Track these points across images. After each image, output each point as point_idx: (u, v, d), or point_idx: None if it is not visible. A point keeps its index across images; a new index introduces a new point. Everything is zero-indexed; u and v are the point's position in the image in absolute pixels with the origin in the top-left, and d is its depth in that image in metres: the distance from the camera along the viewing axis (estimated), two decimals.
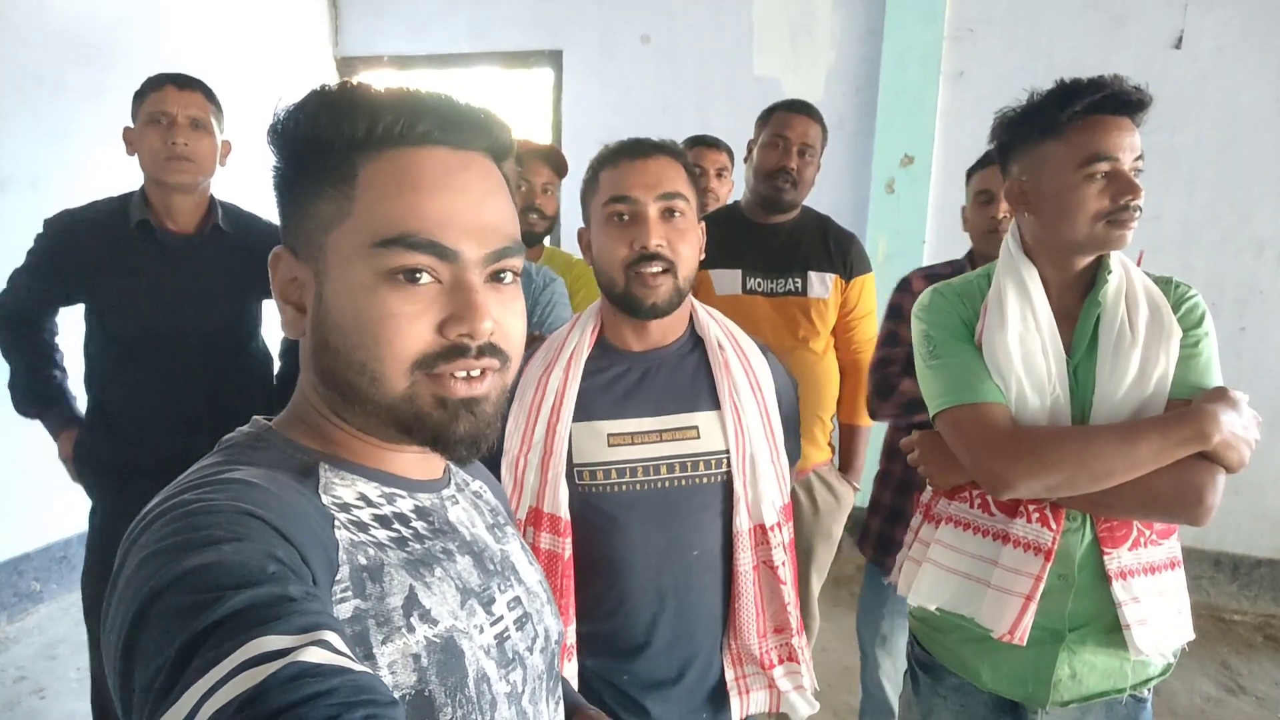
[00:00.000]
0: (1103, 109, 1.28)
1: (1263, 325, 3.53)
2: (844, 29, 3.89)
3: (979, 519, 1.41)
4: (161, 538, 0.55)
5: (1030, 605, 1.32)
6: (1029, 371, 1.34)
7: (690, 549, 1.32)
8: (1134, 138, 1.29)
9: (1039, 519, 1.34)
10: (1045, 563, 1.32)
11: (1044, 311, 1.36)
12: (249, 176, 2.12)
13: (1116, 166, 1.27)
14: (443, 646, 0.66)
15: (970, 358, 1.38)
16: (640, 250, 1.24)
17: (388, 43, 4.61)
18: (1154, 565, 1.35)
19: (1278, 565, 3.63)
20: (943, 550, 1.44)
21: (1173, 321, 1.32)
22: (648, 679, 1.33)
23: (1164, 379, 1.31)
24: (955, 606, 1.42)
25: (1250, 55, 3.40)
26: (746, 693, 1.39)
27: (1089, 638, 1.36)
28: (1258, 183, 3.46)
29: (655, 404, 1.31)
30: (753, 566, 1.34)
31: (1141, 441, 1.24)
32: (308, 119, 0.67)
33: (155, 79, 1.98)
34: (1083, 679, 1.37)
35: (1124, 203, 1.27)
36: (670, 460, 1.30)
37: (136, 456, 2.01)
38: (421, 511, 0.74)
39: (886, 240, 3.76)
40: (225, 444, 0.71)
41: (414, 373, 0.66)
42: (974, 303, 1.42)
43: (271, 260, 0.72)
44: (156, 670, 0.47)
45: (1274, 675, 3.19)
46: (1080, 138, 1.28)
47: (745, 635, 1.34)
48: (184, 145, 1.94)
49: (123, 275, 1.97)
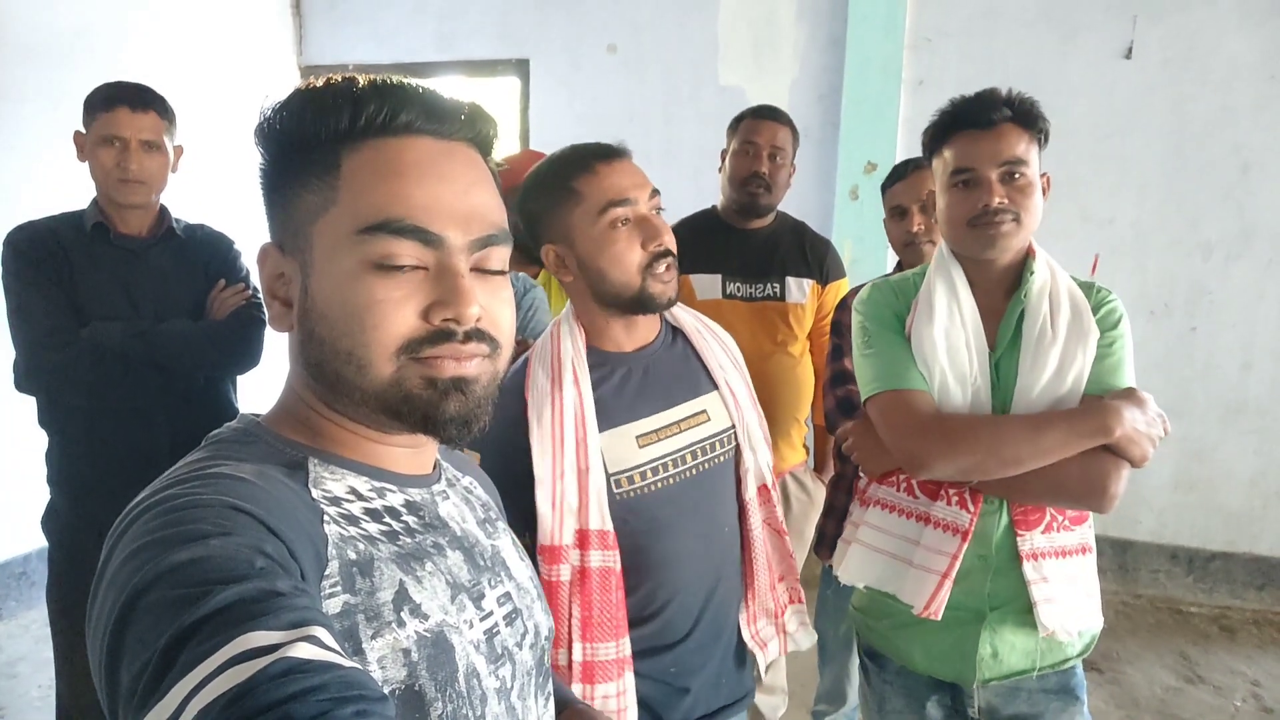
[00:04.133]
0: (961, 125, 1.40)
1: (1212, 325, 3.65)
2: (807, 40, 3.96)
3: (904, 501, 1.50)
4: (148, 532, 0.54)
5: (946, 583, 1.40)
6: (952, 363, 1.42)
7: (723, 526, 1.37)
8: (1001, 144, 1.38)
9: (958, 502, 1.42)
10: (962, 543, 1.41)
11: (969, 307, 1.44)
12: (209, 181, 2.11)
13: (975, 174, 1.37)
14: (433, 641, 0.65)
15: (900, 348, 1.46)
16: (656, 249, 1.26)
17: (352, 51, 4.58)
18: (1065, 549, 1.44)
19: (1231, 558, 3.74)
20: (870, 531, 1.52)
21: (1092, 322, 1.41)
22: (692, 663, 1.36)
23: (1080, 376, 1.40)
24: (881, 584, 1.50)
25: (1196, 66, 3.52)
26: (764, 645, 1.45)
27: (1008, 617, 1.44)
28: (1205, 188, 3.58)
29: (665, 397, 1.35)
30: (761, 526, 1.41)
31: (1049, 431, 1.33)
32: (292, 114, 0.67)
33: (108, 95, 1.95)
34: (1004, 657, 1.45)
35: (982, 207, 1.36)
36: (693, 447, 1.34)
37: (100, 465, 1.99)
38: (412, 506, 0.73)
39: (852, 245, 3.82)
40: (212, 439, 0.70)
41: (400, 357, 0.65)
42: (907, 298, 1.51)
43: (259, 257, 0.72)
44: (143, 666, 0.47)
45: (1229, 664, 3.28)
46: (948, 152, 1.43)
47: (762, 594, 1.41)
48: (136, 169, 1.94)
49: (90, 272, 1.97)
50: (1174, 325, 3.65)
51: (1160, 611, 3.68)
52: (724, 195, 2.42)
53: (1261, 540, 3.70)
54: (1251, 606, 3.70)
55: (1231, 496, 3.71)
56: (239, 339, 2.10)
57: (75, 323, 1.92)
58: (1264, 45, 3.44)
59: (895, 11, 3.76)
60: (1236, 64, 3.48)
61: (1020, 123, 1.39)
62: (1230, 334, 3.64)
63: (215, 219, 2.23)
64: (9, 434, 3.03)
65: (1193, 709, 2.97)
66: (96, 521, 1.96)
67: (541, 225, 1.33)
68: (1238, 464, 3.68)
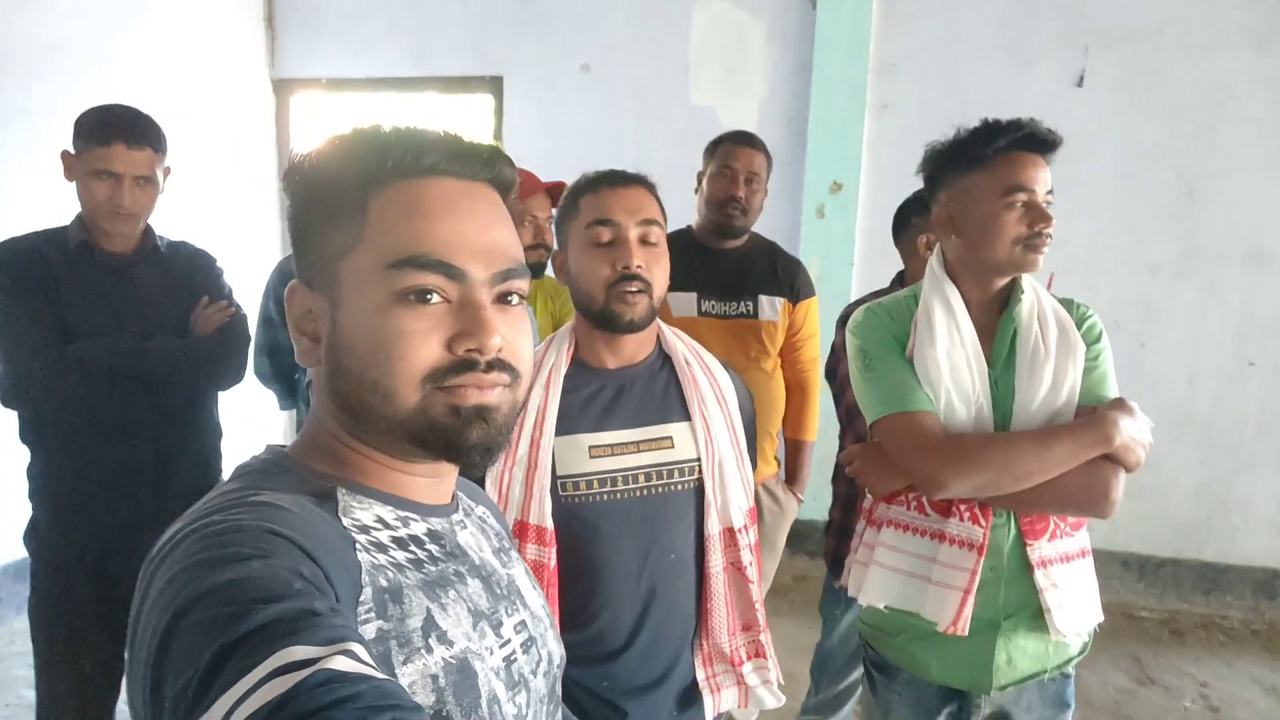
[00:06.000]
0: (1021, 146, 1.45)
1: (1160, 341, 3.82)
2: (776, 63, 4.07)
3: (916, 520, 1.53)
4: (189, 555, 0.56)
5: (969, 598, 1.44)
6: (956, 383, 1.48)
7: (668, 552, 1.38)
8: (1046, 173, 1.46)
9: (970, 517, 1.47)
10: (979, 557, 1.45)
11: (968, 328, 1.49)
12: (179, 193, 2.13)
13: (1033, 198, 1.43)
14: (458, 667, 0.67)
15: (902, 370, 1.50)
16: (623, 270, 1.31)
17: (325, 65, 4.59)
18: (1068, 554, 1.51)
19: (1180, 564, 3.89)
20: (886, 551, 1.55)
21: (1078, 337, 1.49)
22: (626, 683, 1.38)
23: (1073, 389, 1.47)
24: (902, 603, 1.52)
25: (1145, 95, 3.70)
26: (717, 691, 1.45)
27: (1020, 624, 1.49)
28: (1153, 211, 3.75)
29: (632, 417, 1.38)
30: (723, 568, 1.41)
31: (1056, 445, 1.40)
32: (320, 161, 0.71)
33: (106, 128, 1.92)
34: (1016, 663, 1.50)
35: (1038, 230, 1.43)
36: (647, 469, 1.37)
37: (85, 480, 1.99)
38: (434, 535, 0.75)
39: (818, 262, 3.93)
40: (243, 470, 0.72)
41: (425, 386, 0.67)
42: (903, 319, 1.55)
43: (287, 295, 0.75)
44: (188, 681, 0.49)
45: (1180, 667, 3.40)
46: (1002, 170, 1.44)
47: (717, 635, 1.41)
48: (129, 204, 1.94)
49: (75, 289, 1.97)
50: (1124, 342, 3.79)
51: (1113, 615, 3.76)
52: (700, 216, 2.49)
53: (1207, 547, 3.87)
54: (1199, 610, 3.85)
55: (1179, 506, 3.86)
56: (224, 355, 2.12)
57: (62, 339, 1.92)
58: (1208, 75, 3.63)
59: (860, 38, 3.89)
60: (1182, 93, 3.66)
61: (1050, 154, 1.47)
62: (1176, 350, 3.80)
63: (184, 230, 2.23)
64: None
65: (1145, 710, 3.08)
66: (78, 536, 2.03)
67: (558, 234, 1.44)
68: (1184, 475, 3.83)
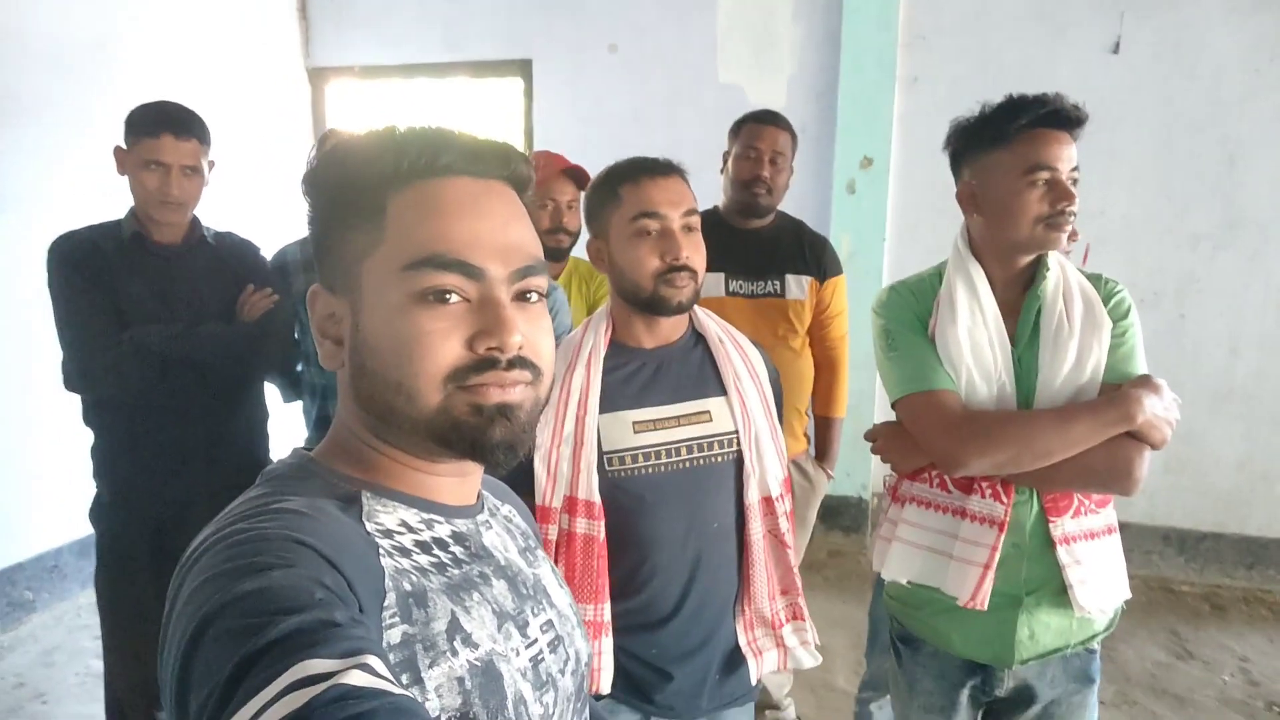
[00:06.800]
0: (1045, 123, 1.43)
1: (1201, 313, 3.75)
2: (804, 38, 4.05)
3: (939, 497, 1.55)
4: (214, 564, 0.57)
5: (989, 573, 1.46)
6: (977, 361, 1.49)
7: (711, 522, 1.45)
8: (1071, 150, 1.44)
9: (991, 494, 1.48)
10: (1000, 534, 1.46)
11: (990, 307, 1.50)
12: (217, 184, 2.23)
13: (1055, 176, 1.42)
14: (484, 670, 0.67)
15: (924, 349, 1.52)
16: (672, 262, 1.37)
17: (359, 53, 4.66)
18: (1093, 531, 1.51)
19: (1221, 538, 3.85)
20: (908, 528, 1.57)
21: (1104, 314, 1.48)
22: (674, 649, 1.45)
23: (1098, 366, 1.47)
24: (923, 578, 1.55)
25: (1183, 61, 3.61)
26: (759, 654, 1.52)
27: (1043, 600, 1.50)
28: (1194, 180, 3.67)
29: (671, 393, 1.45)
30: (762, 535, 1.48)
31: (1076, 423, 1.41)
32: (337, 164, 0.72)
33: (155, 121, 2.04)
34: (1039, 638, 1.52)
35: (1060, 208, 1.42)
36: (689, 442, 1.43)
37: (142, 459, 2.11)
38: (458, 536, 0.75)
39: (849, 239, 3.92)
40: (269, 475, 0.73)
41: (447, 385, 0.68)
42: (926, 299, 1.56)
43: (309, 298, 0.75)
44: (208, 694, 0.50)
45: (1219, 640, 3.38)
46: (1025, 148, 1.43)
47: (759, 599, 1.49)
48: (178, 193, 2.06)
49: (128, 278, 2.08)
50: (1163, 314, 3.74)
51: (1153, 590, 3.78)
52: (726, 196, 2.51)
53: (1250, 521, 3.81)
54: (1241, 585, 3.81)
55: (1221, 479, 3.81)
56: (267, 338, 2.22)
57: (118, 327, 2.03)
58: (1249, 39, 3.53)
59: (888, 10, 3.85)
60: (1222, 58, 3.57)
61: (1077, 130, 1.46)
62: (1218, 322, 3.74)
63: (225, 218, 2.33)
64: (41, 434, 3.16)
65: (1183, 684, 3.07)
66: (139, 512, 2.17)
67: (592, 220, 1.49)
68: (1226, 448, 3.78)
